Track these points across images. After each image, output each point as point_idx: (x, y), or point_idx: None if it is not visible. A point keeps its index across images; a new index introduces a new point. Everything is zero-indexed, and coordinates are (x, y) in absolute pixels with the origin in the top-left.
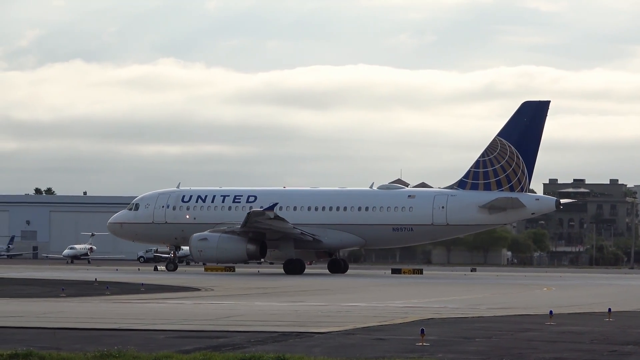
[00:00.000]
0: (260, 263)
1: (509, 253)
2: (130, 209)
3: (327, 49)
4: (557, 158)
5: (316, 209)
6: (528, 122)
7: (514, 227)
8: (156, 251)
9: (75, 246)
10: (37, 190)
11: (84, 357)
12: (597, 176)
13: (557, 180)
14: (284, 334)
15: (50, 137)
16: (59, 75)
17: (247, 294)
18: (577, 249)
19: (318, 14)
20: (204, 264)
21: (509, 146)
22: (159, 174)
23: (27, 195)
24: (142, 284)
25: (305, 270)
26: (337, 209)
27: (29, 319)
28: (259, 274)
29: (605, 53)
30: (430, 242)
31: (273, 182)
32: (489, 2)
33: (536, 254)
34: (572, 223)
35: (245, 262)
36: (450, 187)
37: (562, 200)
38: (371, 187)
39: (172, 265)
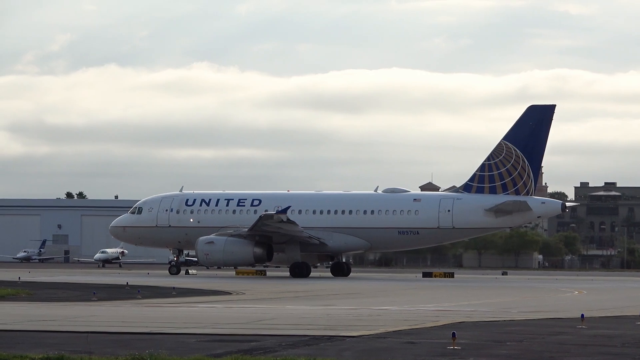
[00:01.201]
0: (266, 267)
1: (540, 256)
2: (133, 213)
3: (360, 53)
4: (589, 161)
5: (321, 212)
6: (534, 126)
7: (545, 230)
8: (187, 255)
9: (107, 250)
10: (69, 195)
11: None
12: (629, 179)
13: (588, 183)
14: (315, 337)
15: (83, 142)
16: (93, 80)
17: (278, 298)
18: (609, 252)
19: (350, 18)
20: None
21: (515, 150)
22: (191, 178)
23: (58, 199)
24: (174, 287)
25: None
26: (343, 212)
27: (60, 323)
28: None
29: (639, 56)
30: (436, 245)
31: (305, 186)
32: (519, 5)
33: (567, 258)
34: (603, 226)
35: (252, 265)
36: (456, 190)
37: (567, 203)
38: (376, 190)
39: (175, 268)
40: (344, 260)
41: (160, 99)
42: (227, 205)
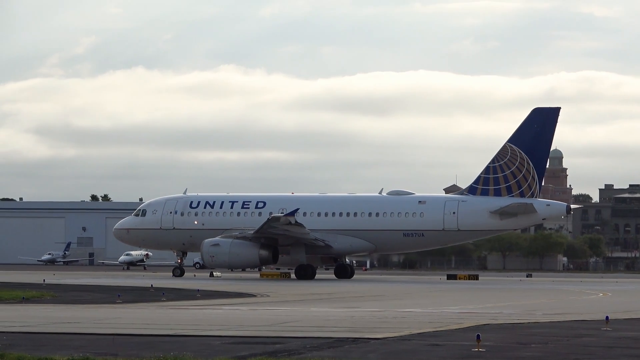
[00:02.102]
0: (278, 269)
1: (565, 259)
2: (137, 215)
3: (387, 55)
4: (614, 163)
5: (326, 214)
6: (538, 128)
7: (569, 232)
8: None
9: (131, 252)
10: (94, 197)
11: None
12: None
13: (613, 185)
14: (339, 339)
15: (109, 144)
16: (120, 83)
17: (302, 300)
18: (633, 255)
19: (374, 20)
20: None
21: (519, 152)
22: (216, 180)
23: (83, 202)
24: (198, 290)
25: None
26: (347, 214)
27: (85, 325)
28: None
29: None
30: (441, 247)
31: (331, 188)
32: (543, 7)
33: (592, 260)
34: (627, 228)
35: (258, 267)
36: (461, 192)
37: (572, 206)
38: (380, 192)
39: (179, 270)
40: (347, 261)
41: (186, 102)
42: (232, 207)
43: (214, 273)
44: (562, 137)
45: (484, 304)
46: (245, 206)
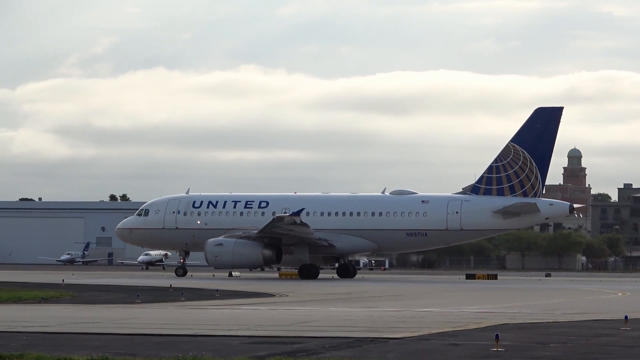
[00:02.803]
0: (279, 269)
1: (584, 258)
2: (140, 215)
3: (408, 55)
4: (634, 163)
5: (329, 214)
6: (541, 128)
7: (588, 232)
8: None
9: (150, 252)
10: (112, 197)
11: None
12: None
13: (631, 185)
14: (358, 339)
15: (129, 144)
16: (140, 82)
17: (321, 300)
18: None
19: (393, 20)
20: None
21: (522, 152)
22: (236, 180)
23: (102, 202)
24: (217, 290)
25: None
26: (351, 214)
27: (104, 325)
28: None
29: None
30: (444, 246)
31: (350, 188)
32: (561, 7)
33: (611, 259)
34: None
35: (261, 267)
36: (463, 192)
37: (575, 205)
38: (383, 192)
39: (182, 270)
40: (349, 261)
41: (206, 102)
42: (235, 207)
43: (233, 273)
44: (582, 137)
45: (502, 304)
46: (248, 206)
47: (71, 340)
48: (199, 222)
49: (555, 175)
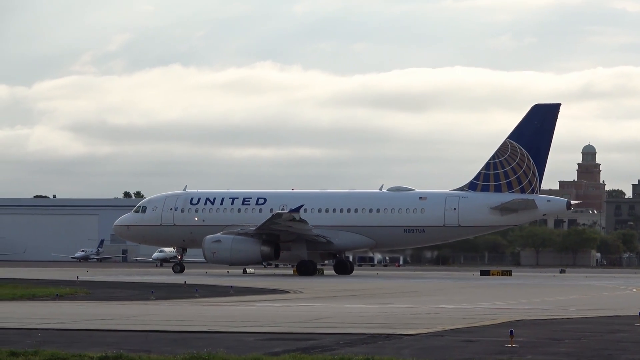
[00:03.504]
0: (277, 265)
1: (598, 254)
2: (137, 212)
3: (423, 51)
4: None
5: (327, 210)
6: (539, 124)
7: (603, 228)
8: None
9: (165, 249)
10: (126, 194)
11: (174, 359)
12: None
13: None
14: (372, 335)
15: (144, 141)
16: (155, 80)
17: (335, 296)
18: None
19: (407, 17)
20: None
21: (520, 148)
22: (250, 177)
23: (116, 199)
24: (231, 286)
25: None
26: (348, 210)
27: (119, 321)
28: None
29: None
30: (441, 243)
31: (365, 185)
32: (574, 3)
33: (625, 255)
34: None
35: (260, 263)
36: (461, 188)
37: (572, 202)
38: (380, 189)
39: (179, 267)
40: (346, 257)
41: (222, 98)
42: (232, 204)
43: (247, 270)
44: (597, 133)
45: (517, 300)
46: (245, 202)
47: (86, 337)
48: (196, 218)
49: (569, 171)
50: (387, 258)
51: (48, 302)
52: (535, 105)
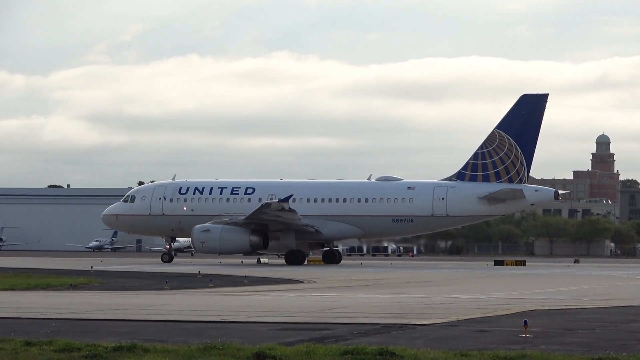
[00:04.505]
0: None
1: (612, 244)
2: (126, 201)
3: (440, 41)
4: None
5: (315, 200)
6: (527, 114)
7: (617, 218)
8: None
9: (179, 239)
10: (141, 184)
11: (188, 349)
12: None
13: None
14: (386, 325)
15: (159, 131)
16: (171, 69)
17: (349, 286)
18: None
19: (425, 6)
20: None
21: (508, 138)
22: (265, 166)
23: (130, 188)
24: (245, 276)
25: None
26: (337, 200)
27: (133, 311)
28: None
29: None
30: (429, 232)
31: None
32: None
33: (639, 245)
34: None
35: (248, 253)
36: (449, 178)
37: (560, 192)
38: (369, 178)
39: (168, 256)
40: (334, 247)
41: (238, 88)
42: (221, 193)
43: (262, 260)
44: (612, 122)
45: (531, 290)
46: (234, 192)
47: (100, 327)
48: (185, 208)
49: (583, 161)
50: (401, 248)
51: (62, 292)
52: (523, 95)
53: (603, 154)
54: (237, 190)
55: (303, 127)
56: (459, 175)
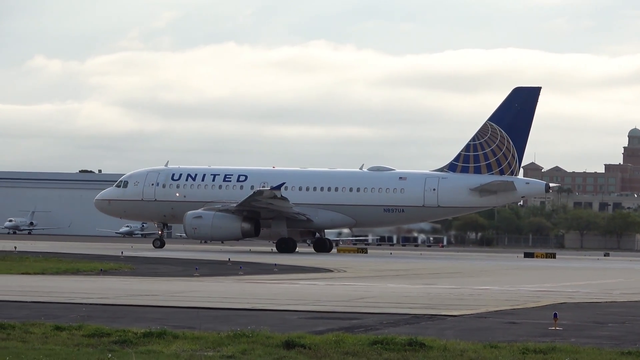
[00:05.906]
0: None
1: None
2: (119, 186)
3: (477, 32)
4: None
5: (307, 189)
6: (519, 107)
7: None
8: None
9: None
10: None
11: (218, 336)
12: None
13: None
14: (416, 316)
15: (194, 118)
16: (207, 57)
17: (379, 276)
18: None
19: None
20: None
21: (500, 131)
22: (298, 155)
23: None
24: (275, 264)
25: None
26: (329, 189)
27: (163, 298)
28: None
29: None
30: (420, 222)
31: (412, 165)
32: None
33: None
34: None
35: (239, 240)
36: (441, 169)
37: (551, 185)
38: (361, 168)
39: (160, 242)
40: (325, 236)
41: (274, 77)
42: (214, 180)
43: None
44: None
45: (561, 283)
46: (227, 179)
47: (130, 313)
48: (177, 194)
49: (615, 155)
50: (431, 238)
51: (92, 277)
52: (516, 88)
53: (635, 148)
54: (230, 178)
55: (337, 116)
56: (451, 167)
